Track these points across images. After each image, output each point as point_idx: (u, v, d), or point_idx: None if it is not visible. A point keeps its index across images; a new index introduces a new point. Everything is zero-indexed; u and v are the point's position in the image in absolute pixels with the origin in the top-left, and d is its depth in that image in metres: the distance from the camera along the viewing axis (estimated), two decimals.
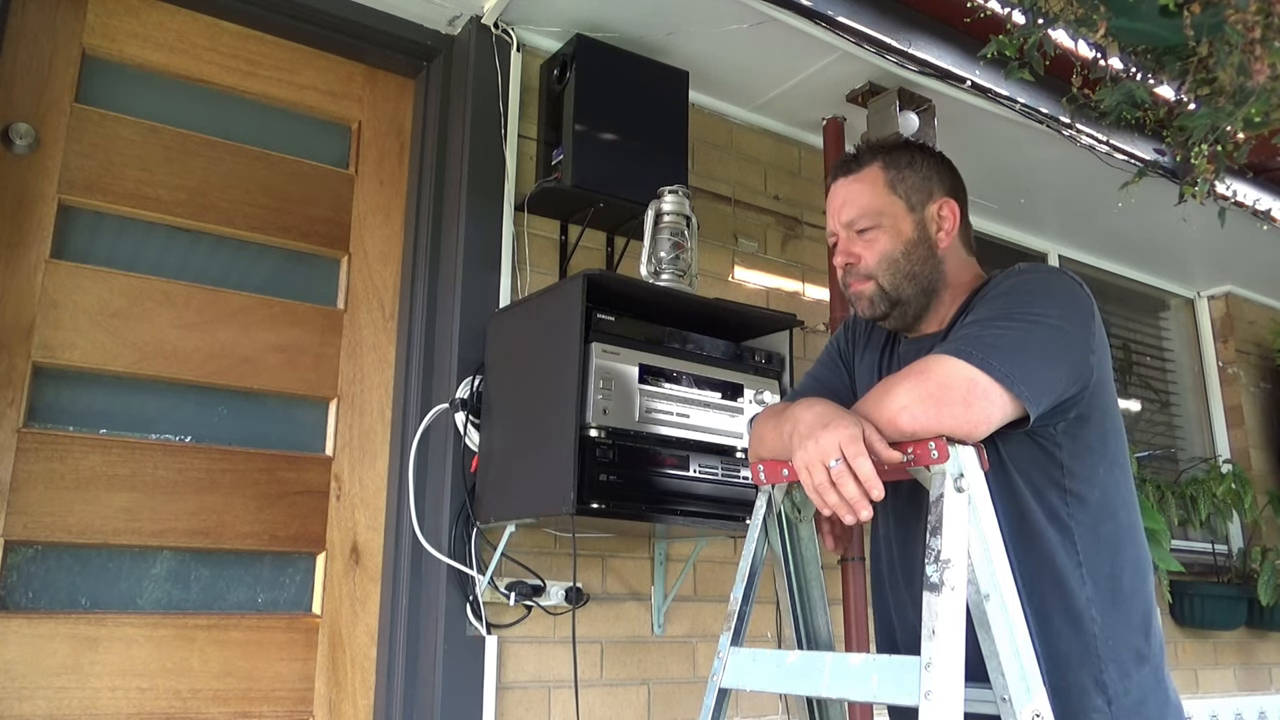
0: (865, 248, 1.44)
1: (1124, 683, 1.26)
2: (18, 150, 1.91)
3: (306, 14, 2.18)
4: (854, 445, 1.18)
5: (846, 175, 1.49)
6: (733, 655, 1.33)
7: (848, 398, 1.47)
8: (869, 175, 1.46)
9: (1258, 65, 1.25)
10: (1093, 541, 1.29)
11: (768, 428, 1.40)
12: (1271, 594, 3.37)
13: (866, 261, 1.43)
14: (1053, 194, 3.19)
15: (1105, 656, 1.26)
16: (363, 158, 2.32)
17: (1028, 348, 1.24)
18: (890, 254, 1.42)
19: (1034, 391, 1.21)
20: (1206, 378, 4.08)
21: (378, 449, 2.19)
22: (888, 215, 1.43)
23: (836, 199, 1.49)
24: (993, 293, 1.35)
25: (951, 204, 1.46)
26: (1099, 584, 1.28)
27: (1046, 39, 1.50)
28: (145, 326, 1.97)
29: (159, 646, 1.87)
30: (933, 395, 1.19)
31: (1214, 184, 1.60)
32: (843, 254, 1.46)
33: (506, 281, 2.20)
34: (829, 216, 1.50)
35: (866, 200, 1.45)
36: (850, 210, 1.45)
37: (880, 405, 1.23)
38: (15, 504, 1.79)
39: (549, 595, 2.09)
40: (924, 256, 1.43)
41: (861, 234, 1.44)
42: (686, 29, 2.30)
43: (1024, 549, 1.27)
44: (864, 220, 1.44)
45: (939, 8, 2.40)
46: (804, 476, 1.21)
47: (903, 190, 1.45)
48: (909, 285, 1.42)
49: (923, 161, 1.48)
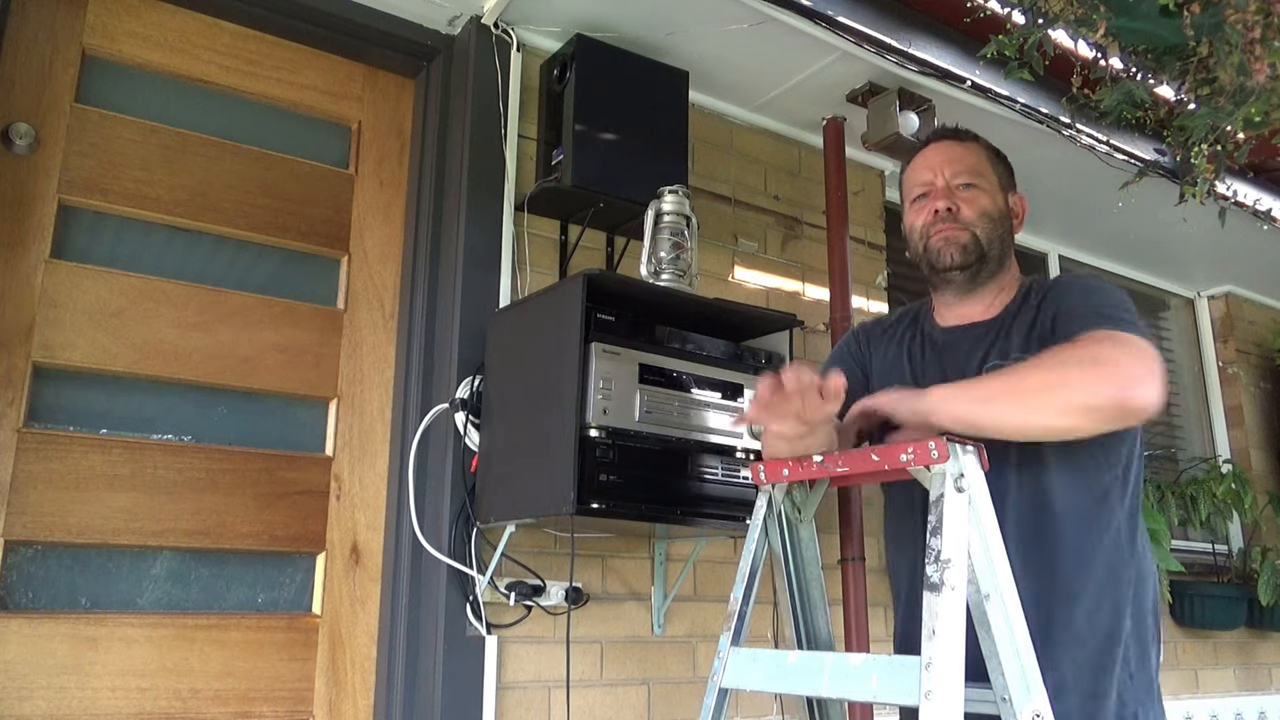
0: (966, 202, 1.53)
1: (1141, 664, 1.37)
2: (18, 150, 1.91)
3: (306, 14, 2.18)
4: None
5: (952, 139, 1.60)
6: (733, 655, 1.33)
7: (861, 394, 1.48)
8: (973, 147, 1.59)
9: (1258, 65, 1.25)
10: (1132, 529, 1.41)
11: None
12: (1271, 594, 3.37)
13: (966, 213, 1.52)
14: (1053, 194, 3.19)
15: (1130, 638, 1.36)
16: (363, 158, 2.32)
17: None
18: (989, 211, 1.53)
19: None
20: (1206, 378, 4.08)
21: (378, 449, 2.19)
22: (989, 181, 1.55)
23: (939, 155, 1.58)
24: (1075, 297, 1.43)
25: (1024, 201, 1.61)
26: (1137, 567, 1.40)
27: (1046, 39, 1.51)
28: (145, 326, 1.97)
29: (159, 646, 1.87)
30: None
31: (1214, 184, 1.60)
32: (944, 198, 1.53)
33: (506, 281, 2.20)
34: (924, 169, 1.58)
35: (974, 161, 1.56)
36: (957, 165, 1.55)
37: (1118, 368, 1.25)
38: (15, 504, 1.79)
39: (549, 595, 2.09)
40: (1007, 230, 1.56)
41: (962, 190, 1.54)
42: (686, 29, 2.30)
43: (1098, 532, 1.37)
44: (970, 177, 1.54)
45: (939, 8, 2.40)
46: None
47: (998, 170, 1.58)
48: (996, 246, 1.52)
49: (1006, 160, 1.63)
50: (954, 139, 1.59)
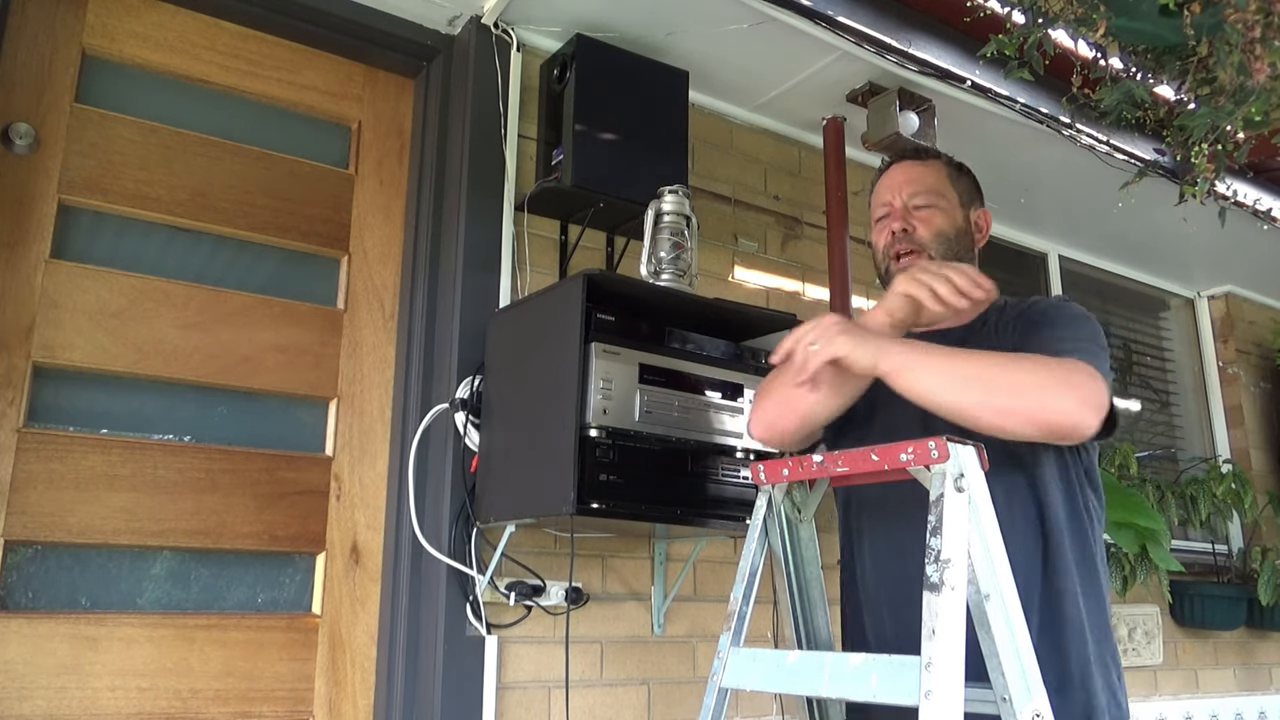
0: (922, 222, 1.56)
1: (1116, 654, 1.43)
2: (18, 150, 1.91)
3: (306, 14, 2.18)
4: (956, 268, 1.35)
5: (912, 160, 1.64)
6: (733, 655, 1.33)
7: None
8: (934, 165, 1.63)
9: (1258, 65, 1.25)
10: (1100, 532, 1.46)
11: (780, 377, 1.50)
12: (1271, 594, 3.37)
13: (921, 233, 1.55)
14: (1053, 194, 3.19)
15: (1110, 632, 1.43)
16: (363, 158, 2.32)
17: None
18: (945, 231, 1.56)
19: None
20: (1206, 378, 4.07)
21: (378, 449, 2.19)
22: (946, 200, 1.58)
23: (898, 176, 1.62)
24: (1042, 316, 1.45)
25: (988, 215, 1.64)
26: (1106, 568, 1.46)
27: (1046, 39, 1.51)
28: (145, 326, 1.97)
29: (159, 646, 1.87)
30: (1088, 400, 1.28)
31: (1214, 184, 1.60)
32: (899, 220, 1.57)
33: (506, 281, 2.20)
34: (886, 190, 1.62)
35: (931, 182, 1.59)
36: (914, 187, 1.59)
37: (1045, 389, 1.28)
38: (15, 504, 1.79)
39: (549, 595, 2.09)
40: (966, 247, 1.59)
41: (919, 210, 1.57)
42: (686, 29, 2.30)
43: (1074, 531, 1.40)
44: (925, 197, 1.57)
45: (939, 8, 2.40)
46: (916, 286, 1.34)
47: (959, 187, 1.61)
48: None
49: (970, 175, 1.67)
50: (914, 159, 1.64)
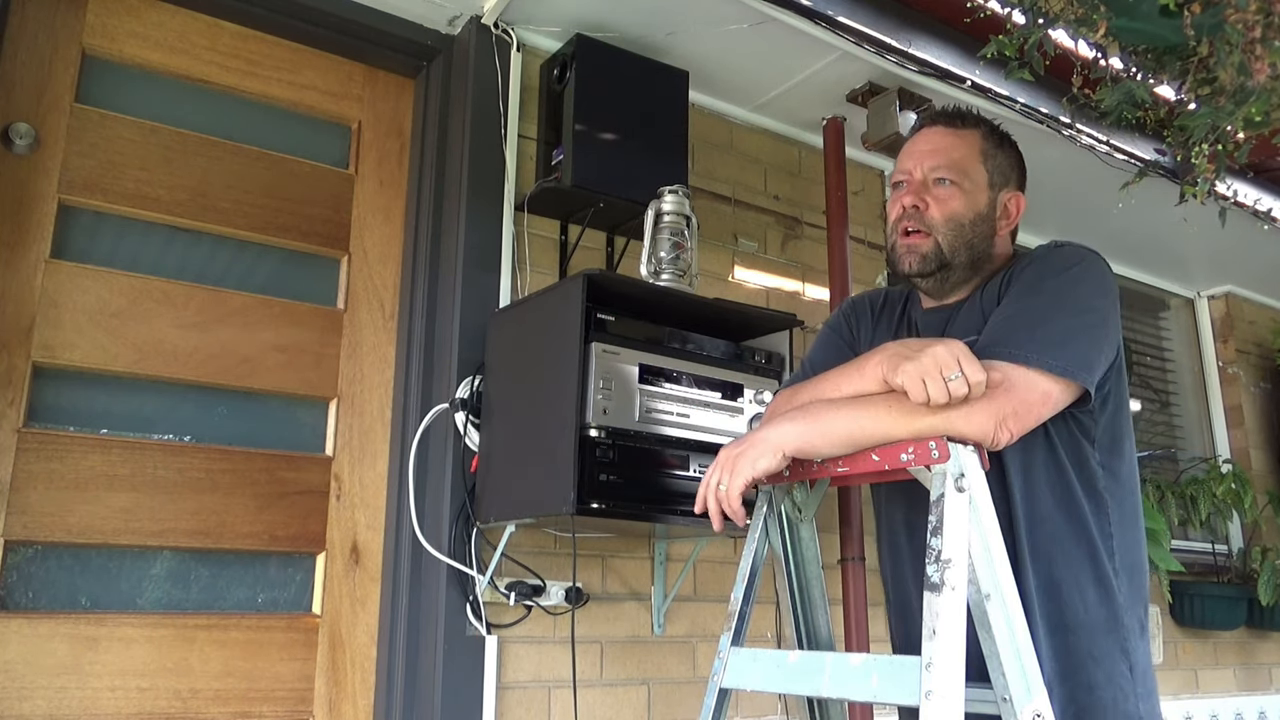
0: (937, 201, 1.43)
1: (1137, 651, 1.32)
2: (18, 150, 1.91)
3: (306, 14, 2.18)
4: (969, 356, 1.18)
5: (946, 126, 1.49)
6: (733, 655, 1.33)
7: None
8: (969, 136, 1.47)
9: (1258, 65, 1.25)
10: (1120, 514, 1.35)
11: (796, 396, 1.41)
12: (1271, 594, 3.37)
13: (934, 214, 1.43)
14: (1053, 194, 3.19)
15: (1126, 624, 1.31)
16: (363, 158, 2.32)
17: (1080, 332, 1.27)
18: (959, 216, 1.43)
19: (1092, 376, 1.25)
20: (1206, 378, 4.07)
21: (378, 449, 2.19)
22: (972, 179, 1.44)
23: (926, 143, 1.48)
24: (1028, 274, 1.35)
25: (1020, 199, 1.49)
26: (1123, 555, 1.33)
27: (1046, 39, 1.50)
28: (145, 326, 1.97)
29: (159, 646, 1.87)
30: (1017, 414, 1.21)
31: (1214, 184, 1.60)
32: (914, 194, 1.44)
33: (506, 281, 2.20)
34: (909, 158, 1.48)
35: (959, 156, 1.45)
36: (938, 159, 1.45)
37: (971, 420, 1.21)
38: (15, 504, 1.79)
39: (549, 595, 2.09)
40: (985, 234, 1.45)
41: (938, 186, 1.44)
42: (686, 29, 2.30)
43: (1066, 519, 1.31)
44: (949, 173, 1.44)
45: (939, 8, 2.40)
46: (916, 386, 1.18)
47: (991, 165, 1.46)
48: (964, 253, 1.43)
49: (1011, 149, 1.51)
50: (948, 125, 1.48)
